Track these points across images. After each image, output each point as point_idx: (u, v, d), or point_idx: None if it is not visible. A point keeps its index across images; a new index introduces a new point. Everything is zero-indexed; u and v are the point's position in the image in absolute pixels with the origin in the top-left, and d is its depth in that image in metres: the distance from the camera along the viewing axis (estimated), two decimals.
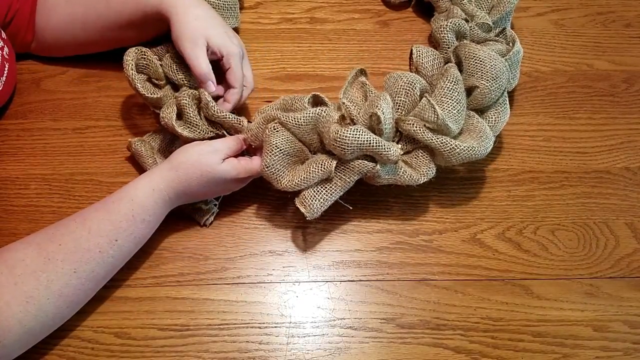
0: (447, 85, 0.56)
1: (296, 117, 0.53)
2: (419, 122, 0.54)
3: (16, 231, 0.59)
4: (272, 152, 0.53)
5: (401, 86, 0.56)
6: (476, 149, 0.55)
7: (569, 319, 0.57)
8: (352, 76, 0.59)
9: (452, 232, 0.61)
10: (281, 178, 0.54)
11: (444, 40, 0.62)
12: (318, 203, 0.53)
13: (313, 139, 0.55)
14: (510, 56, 0.60)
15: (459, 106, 0.55)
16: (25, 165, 0.63)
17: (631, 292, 0.58)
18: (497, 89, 0.58)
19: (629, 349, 0.55)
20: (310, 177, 0.52)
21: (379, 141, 0.51)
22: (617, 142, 0.68)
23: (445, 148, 0.54)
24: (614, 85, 0.72)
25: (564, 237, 0.61)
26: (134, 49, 0.59)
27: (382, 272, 0.58)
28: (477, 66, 0.57)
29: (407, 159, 0.57)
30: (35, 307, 0.47)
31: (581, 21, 0.77)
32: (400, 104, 0.56)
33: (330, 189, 0.54)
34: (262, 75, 0.70)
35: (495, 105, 0.59)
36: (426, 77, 0.60)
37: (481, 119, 0.58)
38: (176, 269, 0.58)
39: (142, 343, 0.54)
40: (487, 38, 0.64)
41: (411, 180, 0.55)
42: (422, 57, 0.60)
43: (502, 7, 0.67)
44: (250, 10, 0.75)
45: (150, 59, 0.59)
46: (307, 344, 0.55)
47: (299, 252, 0.59)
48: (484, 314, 0.57)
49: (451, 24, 0.62)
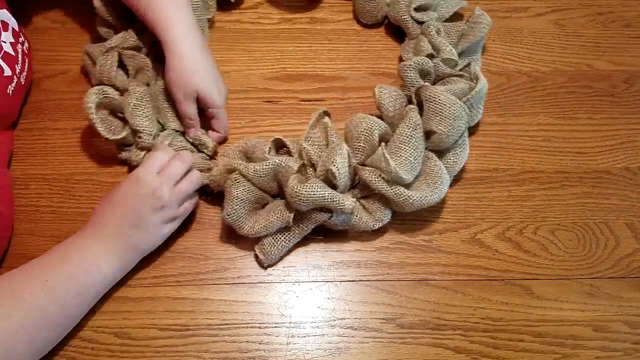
0: (405, 131, 0.56)
1: (256, 168, 0.55)
2: (375, 172, 0.56)
3: (16, 231, 0.59)
4: (233, 202, 0.55)
5: (360, 132, 0.57)
6: (429, 197, 0.56)
7: (569, 319, 0.57)
8: (315, 118, 0.60)
9: (452, 232, 0.61)
10: (243, 225, 0.56)
11: (407, 79, 0.62)
12: (276, 250, 0.57)
13: (273, 186, 0.57)
14: (473, 95, 0.60)
15: (416, 152, 0.56)
16: (25, 165, 0.63)
17: (631, 292, 0.58)
18: (454, 134, 0.58)
19: (629, 349, 0.55)
20: (270, 225, 0.55)
21: (334, 196, 0.53)
22: (617, 142, 0.68)
23: (400, 198, 0.55)
24: (613, 86, 0.72)
25: (564, 237, 0.61)
26: (95, 89, 0.58)
27: (382, 272, 0.58)
28: (436, 110, 0.58)
29: (364, 203, 0.58)
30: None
31: (581, 21, 0.77)
32: (360, 149, 0.58)
33: (288, 236, 0.57)
34: (262, 75, 0.70)
35: (454, 146, 0.60)
36: (387, 118, 0.61)
37: (439, 161, 0.59)
38: (176, 269, 0.58)
39: (142, 343, 0.54)
40: (452, 73, 0.64)
41: (366, 227, 0.57)
42: (383, 98, 0.61)
43: (472, 36, 0.67)
44: (250, 10, 0.75)
45: (113, 97, 0.59)
46: (307, 344, 0.55)
47: (299, 252, 0.59)
48: (484, 314, 0.57)
49: (415, 63, 0.62)
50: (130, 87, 0.60)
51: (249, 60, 0.71)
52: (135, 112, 0.59)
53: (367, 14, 0.73)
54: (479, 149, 0.66)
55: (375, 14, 0.73)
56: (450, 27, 0.69)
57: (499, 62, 0.73)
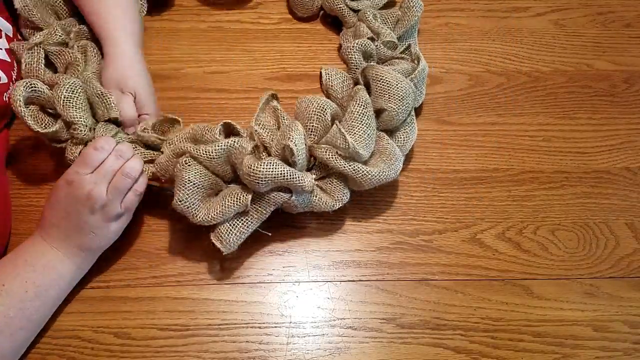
0: (356, 109, 0.56)
1: (207, 150, 0.52)
2: (331, 150, 0.55)
3: (16, 231, 0.59)
4: (184, 186, 0.52)
5: (312, 112, 0.56)
6: (387, 172, 0.55)
7: (569, 319, 0.57)
8: (264, 101, 0.59)
9: (452, 232, 0.61)
10: (196, 212, 0.52)
11: (352, 61, 0.63)
12: (234, 237, 0.53)
13: (226, 170, 0.54)
14: (416, 75, 0.61)
15: (369, 130, 0.56)
16: (25, 165, 0.63)
17: (631, 292, 0.58)
18: (404, 111, 0.59)
19: (629, 349, 0.55)
20: (226, 211, 0.52)
21: (293, 173, 0.51)
22: (617, 142, 0.68)
23: (358, 174, 0.54)
24: (614, 86, 0.72)
25: (564, 237, 0.61)
26: (22, 82, 0.54)
27: (382, 272, 0.58)
28: (384, 88, 0.58)
29: (322, 185, 0.57)
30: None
31: (581, 21, 0.77)
32: (313, 129, 0.56)
33: (247, 221, 0.53)
34: (262, 75, 0.70)
35: (404, 125, 0.61)
36: (336, 100, 0.61)
37: (391, 140, 0.59)
38: (176, 269, 0.58)
39: (142, 343, 0.54)
40: (394, 56, 0.64)
41: (326, 207, 0.56)
42: (331, 79, 0.61)
43: (407, 21, 0.68)
44: (250, 10, 0.75)
45: (42, 90, 0.55)
46: (307, 344, 0.55)
47: (299, 252, 0.59)
48: (483, 314, 0.57)
49: (358, 44, 0.62)
50: (60, 80, 0.56)
51: (249, 60, 0.71)
52: (67, 104, 0.55)
53: (301, 6, 0.73)
54: (479, 149, 0.66)
55: (310, 6, 0.73)
56: (386, 14, 0.70)
57: (499, 62, 0.73)
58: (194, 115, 0.67)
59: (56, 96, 0.55)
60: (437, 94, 0.70)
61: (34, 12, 0.62)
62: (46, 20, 0.63)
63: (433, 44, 0.74)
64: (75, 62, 0.60)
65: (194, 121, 0.66)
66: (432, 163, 0.65)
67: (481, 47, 0.74)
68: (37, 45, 0.59)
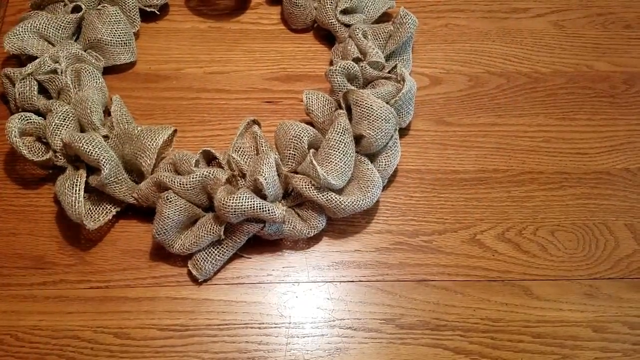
0: (333, 137, 0.56)
1: (182, 181, 0.54)
2: (305, 179, 0.55)
3: (16, 231, 0.59)
4: (163, 221, 0.54)
5: (289, 140, 0.57)
6: (362, 201, 0.56)
7: (569, 320, 0.57)
8: (244, 127, 0.59)
9: (451, 232, 0.61)
10: (173, 243, 0.55)
11: (335, 84, 0.62)
12: (209, 265, 0.55)
13: (203, 199, 0.56)
14: (400, 97, 0.60)
15: (346, 158, 0.56)
16: (25, 165, 0.63)
17: (631, 293, 0.58)
18: (383, 137, 0.58)
19: (629, 350, 0.55)
20: (200, 241, 0.54)
21: (264, 205, 0.52)
22: (617, 143, 0.68)
23: (331, 204, 0.55)
24: (613, 87, 0.72)
25: (563, 238, 0.61)
26: (17, 116, 0.57)
27: (382, 272, 0.58)
28: (364, 114, 0.57)
29: (299, 211, 0.58)
30: None
31: (581, 22, 0.77)
32: (290, 156, 0.57)
33: (222, 250, 0.56)
34: (262, 75, 0.70)
35: (385, 149, 0.60)
36: (318, 124, 0.61)
37: (371, 165, 0.59)
38: (176, 269, 0.58)
39: (142, 343, 0.54)
40: (380, 76, 0.64)
41: (301, 235, 0.57)
42: (311, 103, 0.61)
43: (398, 37, 0.67)
44: (250, 10, 0.76)
45: (36, 122, 0.58)
46: (306, 345, 0.55)
47: (298, 253, 0.59)
48: (483, 315, 0.57)
49: (340, 67, 0.62)
50: (53, 107, 0.59)
51: (249, 61, 0.71)
52: (55, 132, 0.57)
53: (295, 20, 0.72)
54: (479, 150, 0.66)
55: (304, 19, 0.72)
56: (378, 29, 0.69)
57: (499, 63, 0.73)
58: (194, 115, 0.67)
59: (47, 124, 0.58)
60: (436, 94, 0.70)
61: (27, 49, 0.64)
62: (37, 48, 0.64)
63: (433, 45, 0.74)
64: (66, 87, 0.61)
65: (194, 121, 0.67)
66: (432, 164, 0.65)
67: (481, 48, 0.74)
68: (29, 75, 0.62)
